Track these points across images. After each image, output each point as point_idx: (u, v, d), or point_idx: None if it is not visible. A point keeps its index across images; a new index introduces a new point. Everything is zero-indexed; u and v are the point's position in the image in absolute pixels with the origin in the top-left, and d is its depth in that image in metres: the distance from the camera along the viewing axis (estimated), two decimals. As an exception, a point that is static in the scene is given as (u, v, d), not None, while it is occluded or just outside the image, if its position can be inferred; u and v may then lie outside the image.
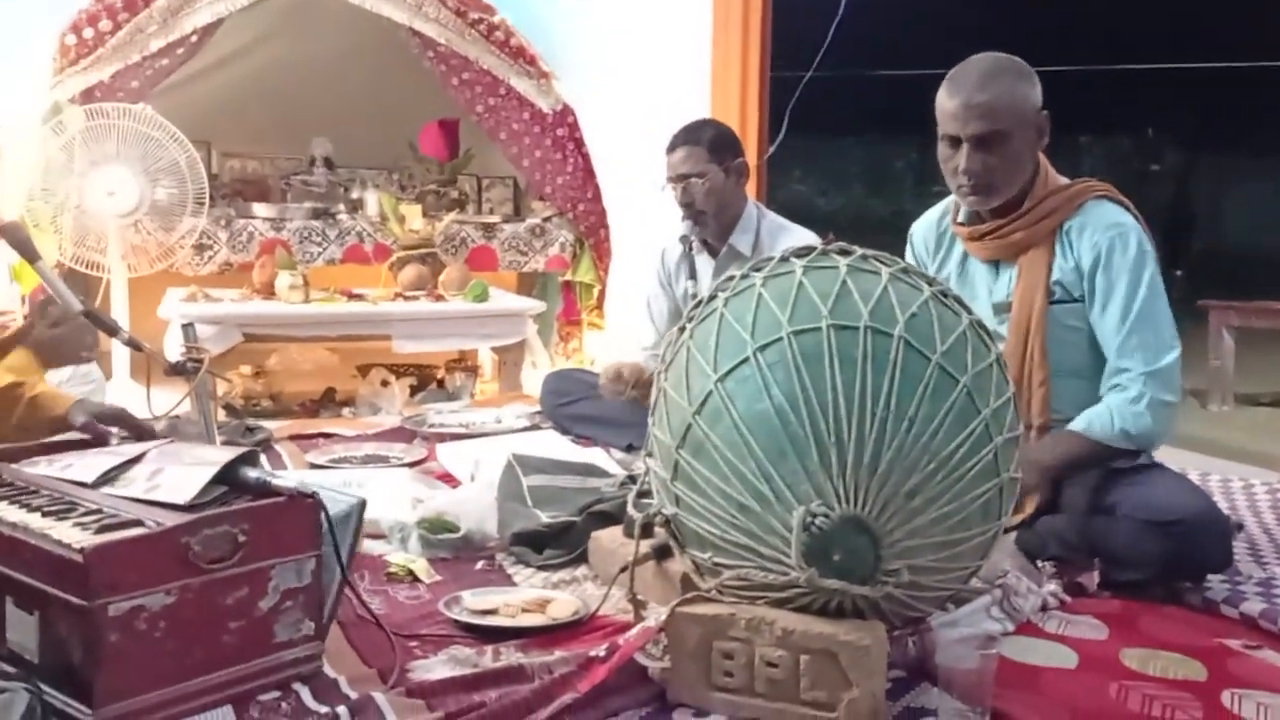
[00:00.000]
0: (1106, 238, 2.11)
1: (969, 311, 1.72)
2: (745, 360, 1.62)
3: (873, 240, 1.81)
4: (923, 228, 2.41)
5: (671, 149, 3.00)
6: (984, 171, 2.11)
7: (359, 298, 4.05)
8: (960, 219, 2.28)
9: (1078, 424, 2.10)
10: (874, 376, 1.56)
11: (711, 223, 2.99)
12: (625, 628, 1.72)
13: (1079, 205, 2.17)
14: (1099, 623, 1.88)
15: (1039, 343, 2.16)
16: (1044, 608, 1.91)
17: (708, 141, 2.98)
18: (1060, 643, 1.80)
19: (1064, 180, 2.22)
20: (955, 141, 2.12)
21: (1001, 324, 2.22)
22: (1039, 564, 2.05)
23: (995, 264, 2.27)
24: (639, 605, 1.77)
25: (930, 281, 1.74)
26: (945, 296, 1.73)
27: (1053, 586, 1.96)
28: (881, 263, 1.74)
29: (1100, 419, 2.08)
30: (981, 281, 2.29)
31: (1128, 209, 2.18)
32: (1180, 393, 2.10)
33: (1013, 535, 2.09)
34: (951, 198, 2.33)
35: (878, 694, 1.51)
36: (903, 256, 2.42)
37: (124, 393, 3.33)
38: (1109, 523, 2.02)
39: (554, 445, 2.97)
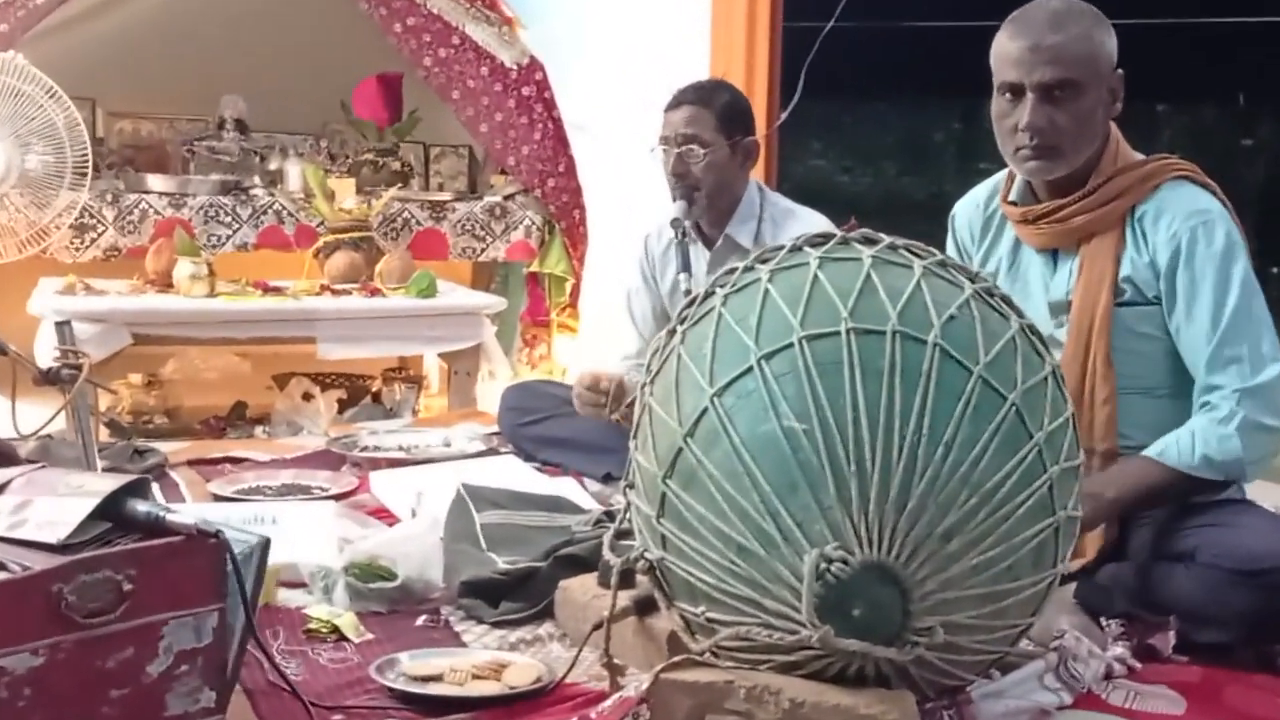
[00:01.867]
0: (1188, 227, 2.13)
1: (1019, 314, 1.74)
2: (748, 371, 1.62)
3: (906, 227, 1.83)
4: (967, 209, 2.42)
5: (674, 105, 2.99)
6: (1051, 129, 2.13)
7: (277, 291, 4.05)
8: (1012, 197, 2.30)
9: (1153, 449, 2.12)
10: (903, 391, 1.57)
11: (704, 202, 3.00)
12: (599, 698, 1.72)
13: (1155, 187, 2.19)
14: (1175, 694, 1.88)
15: (1103, 351, 2.17)
16: (1108, 675, 1.91)
17: (720, 108, 2.97)
18: (1128, 718, 1.80)
19: (1138, 156, 2.24)
20: (1017, 92, 2.14)
21: (1059, 327, 2.24)
22: (1103, 622, 2.06)
23: (1053, 254, 2.28)
24: (616, 671, 1.77)
25: (973, 277, 1.75)
26: (991, 295, 1.74)
27: (1119, 650, 1.97)
28: (914, 254, 1.75)
29: (1179, 442, 2.10)
30: (1036, 275, 2.31)
31: (1214, 193, 2.20)
32: None
33: (1071, 587, 2.10)
34: (1001, 175, 2.34)
35: (906, 780, 1.51)
36: (942, 245, 2.44)
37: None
38: (1186, 572, 2.03)
39: (514, 474, 2.97)
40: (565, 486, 2.86)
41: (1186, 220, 2.14)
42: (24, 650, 1.44)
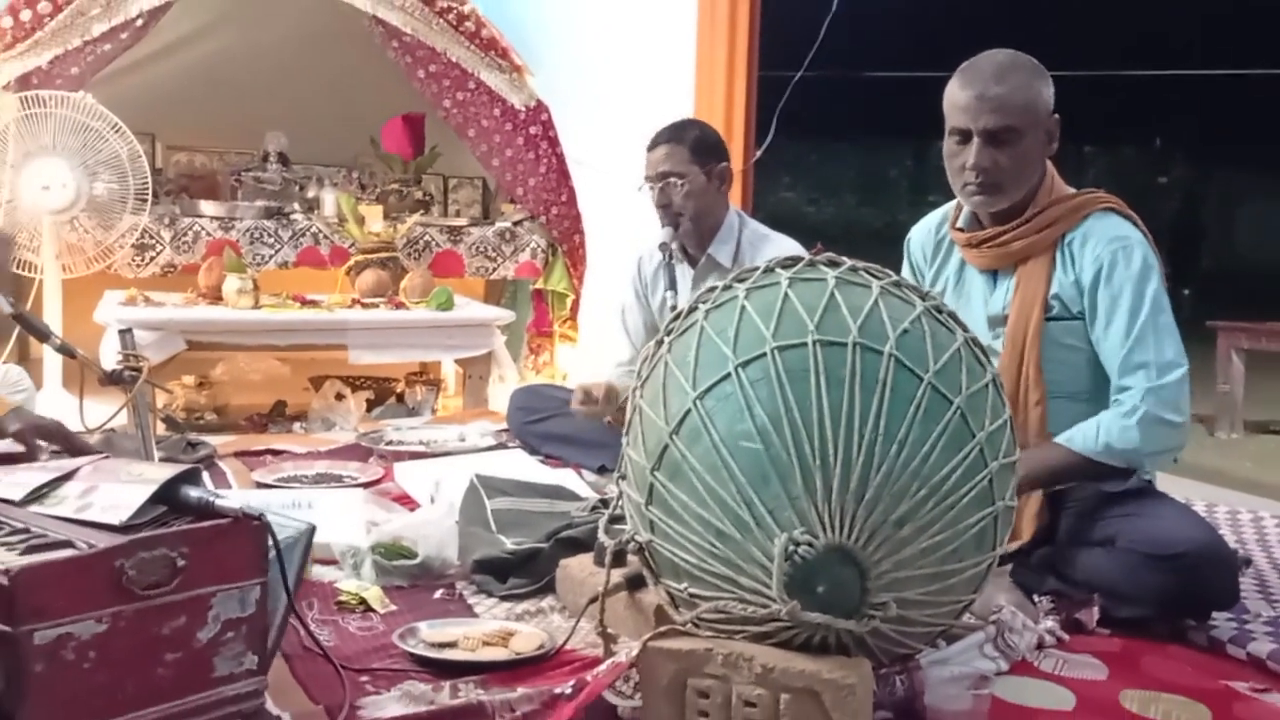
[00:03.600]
0: (1109, 251, 2.14)
1: (964, 329, 1.73)
2: (726, 377, 1.62)
3: (865, 252, 1.83)
4: (921, 234, 2.43)
5: (653, 146, 3.02)
6: (993, 169, 2.14)
7: (313, 304, 4.04)
8: (960, 224, 2.31)
9: (1062, 435, 2.12)
10: (862, 396, 1.57)
11: (689, 227, 3.00)
12: (594, 663, 1.71)
13: (1083, 216, 2.19)
14: (1098, 662, 1.88)
15: (1034, 359, 2.18)
16: (1040, 645, 1.91)
17: (691, 142, 3.00)
18: (1057, 683, 1.80)
19: (1070, 190, 2.25)
20: (965, 136, 2.15)
21: (996, 339, 2.24)
22: (1035, 599, 2.06)
23: (993, 274, 2.29)
24: (609, 639, 1.76)
25: (924, 296, 1.75)
26: (939, 312, 1.74)
27: (1049, 623, 1.97)
28: (872, 275, 1.75)
29: (1086, 431, 2.10)
30: (978, 292, 2.31)
31: (1135, 223, 2.20)
32: (1185, 413, 2.11)
33: (1008, 568, 2.10)
34: (951, 204, 2.35)
35: (863, 736, 1.51)
36: (896, 270, 2.44)
37: (55, 403, 3.30)
38: (1108, 555, 2.03)
39: (521, 466, 2.96)
40: (565, 477, 2.86)
41: (1109, 245, 2.14)
42: (89, 618, 1.43)
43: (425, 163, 4.64)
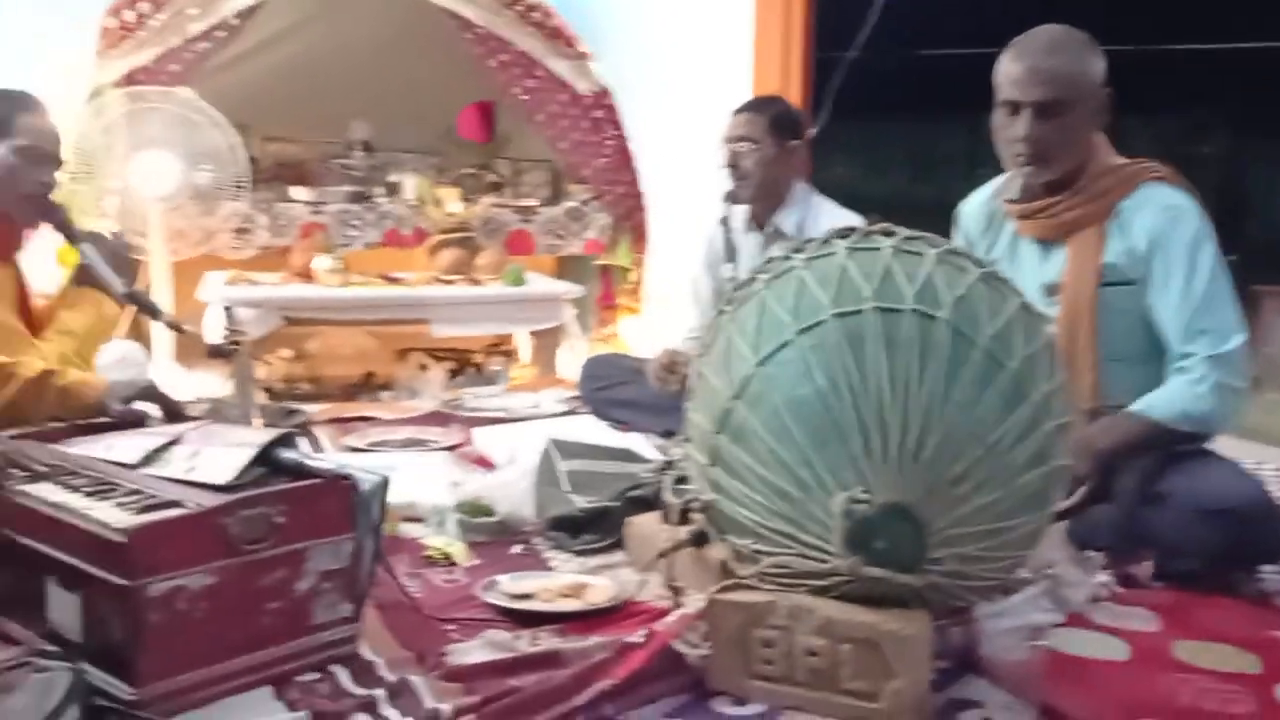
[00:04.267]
0: (1163, 219, 2.07)
1: (1019, 294, 1.69)
2: (786, 344, 1.60)
3: (919, 225, 1.78)
4: (972, 207, 2.37)
5: (737, 112, 3.01)
6: (1042, 140, 2.08)
7: (397, 281, 4.06)
8: (1012, 196, 2.25)
9: (1137, 405, 2.07)
10: (919, 360, 1.54)
11: (753, 193, 2.98)
12: (662, 614, 1.71)
13: (1135, 186, 2.13)
14: (1151, 614, 1.84)
15: (1089, 325, 2.12)
16: (1094, 599, 1.88)
17: (771, 115, 3.00)
18: (1111, 634, 1.77)
19: (1121, 160, 2.18)
20: (1014, 108, 2.10)
21: (1051, 306, 2.18)
22: (1089, 554, 2.01)
23: (1046, 244, 2.23)
24: (677, 592, 1.76)
25: (979, 263, 1.71)
26: (994, 278, 1.70)
27: (1104, 577, 1.93)
28: (928, 244, 1.71)
29: (1161, 401, 2.05)
30: (1031, 261, 2.25)
31: (1186, 191, 2.13)
32: (1247, 379, 2.05)
33: (1062, 525, 2.05)
34: (1002, 177, 2.29)
35: (921, 685, 1.48)
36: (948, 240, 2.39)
37: (166, 375, 3.36)
38: (1161, 512, 1.98)
39: (591, 430, 2.96)
40: (633, 440, 2.85)
41: (1163, 214, 2.08)
42: (198, 572, 1.46)
43: (497, 147, 4.64)
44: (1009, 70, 2.10)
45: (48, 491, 1.59)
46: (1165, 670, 1.64)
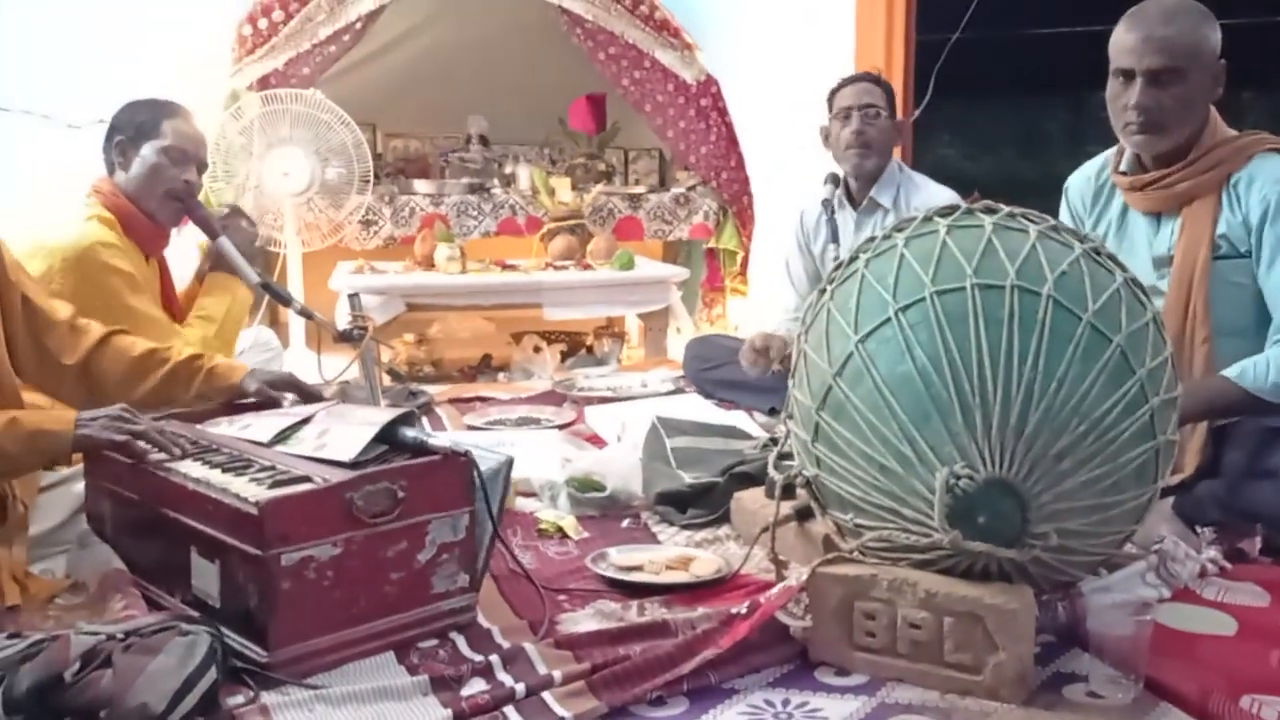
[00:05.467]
0: (1276, 191, 1.97)
1: (1123, 269, 1.62)
2: (887, 321, 1.56)
3: (1023, 204, 1.72)
4: (1079, 181, 2.28)
5: (849, 83, 2.94)
6: (1156, 109, 2.00)
7: (512, 268, 4.11)
8: (1122, 168, 2.16)
9: (1230, 371, 1.97)
10: (1021, 336, 1.48)
11: (872, 164, 2.91)
12: (767, 586, 1.69)
13: (1249, 158, 2.02)
14: (1260, 590, 1.75)
15: (1201, 299, 2.02)
16: (1202, 574, 1.79)
17: (886, 88, 2.96)
18: (1219, 610, 1.69)
19: (1233, 133, 2.07)
20: (1129, 76, 2.02)
21: (1161, 279, 2.09)
22: (1198, 529, 1.92)
23: (1157, 216, 2.13)
24: (780, 565, 1.74)
25: (1082, 239, 1.64)
26: (1098, 254, 1.63)
27: (1212, 552, 1.84)
28: (1030, 220, 1.65)
29: (1255, 368, 1.95)
30: (1141, 234, 2.16)
31: None
32: None
33: (1170, 500, 1.97)
34: (1110, 151, 2.20)
35: (1025, 658, 1.44)
36: (1052, 218, 2.31)
37: (298, 359, 3.47)
38: (1271, 487, 1.88)
39: (697, 408, 2.95)
40: (738, 418, 2.83)
41: (1276, 185, 1.98)
42: (326, 543, 1.50)
43: (607, 137, 4.64)
44: (1124, 39, 2.02)
45: (189, 468, 1.65)
46: (1274, 646, 1.55)
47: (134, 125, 2.39)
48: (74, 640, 1.35)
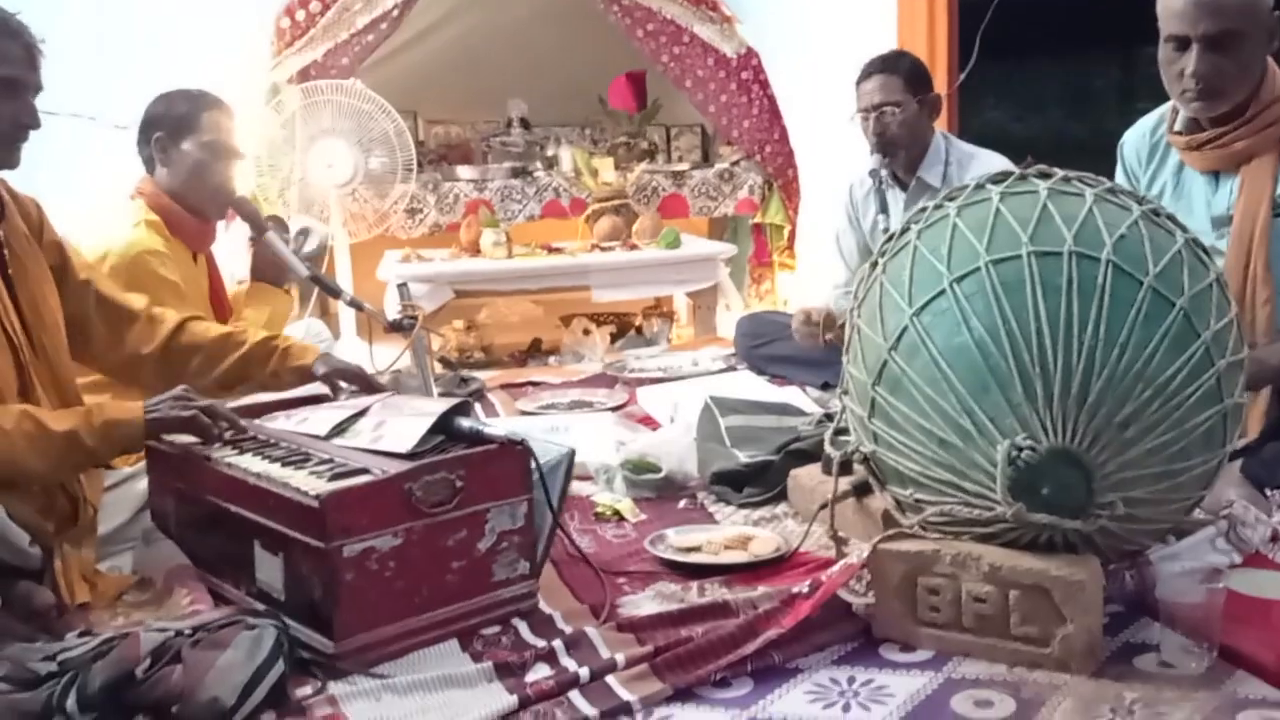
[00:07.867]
0: None
1: (1184, 230, 1.58)
2: (941, 293, 1.54)
3: (1074, 164, 1.68)
4: (1134, 138, 2.23)
5: (865, 77, 2.86)
6: (1214, 74, 1.93)
7: (558, 251, 4.11)
8: (1177, 127, 2.10)
9: None
10: (1080, 303, 1.46)
11: (902, 155, 2.86)
12: (827, 564, 1.69)
13: None
14: (1337, 554, 1.71)
15: (1263, 257, 1.97)
16: (1274, 538, 1.75)
17: (905, 71, 2.83)
18: (1294, 575, 1.65)
19: (1291, 87, 2.01)
20: (1182, 43, 1.95)
21: (1220, 239, 2.04)
22: (1267, 492, 1.88)
23: (1215, 175, 2.07)
24: (840, 542, 1.73)
25: (1140, 200, 1.60)
26: (1157, 215, 1.59)
27: (1283, 517, 1.80)
28: (1085, 184, 1.61)
29: None
30: (1199, 194, 2.10)
31: None
32: None
33: (1237, 463, 1.93)
34: (1165, 107, 2.14)
35: (1094, 629, 1.42)
36: (1109, 179, 2.26)
37: (350, 350, 3.51)
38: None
39: (750, 386, 2.94)
40: (791, 395, 2.82)
41: None
42: (387, 533, 1.52)
43: (648, 115, 4.62)
44: (1173, 3, 1.94)
45: (250, 462, 1.68)
46: (1357, 612, 1.51)
47: (172, 120, 2.40)
48: (143, 637, 1.39)
